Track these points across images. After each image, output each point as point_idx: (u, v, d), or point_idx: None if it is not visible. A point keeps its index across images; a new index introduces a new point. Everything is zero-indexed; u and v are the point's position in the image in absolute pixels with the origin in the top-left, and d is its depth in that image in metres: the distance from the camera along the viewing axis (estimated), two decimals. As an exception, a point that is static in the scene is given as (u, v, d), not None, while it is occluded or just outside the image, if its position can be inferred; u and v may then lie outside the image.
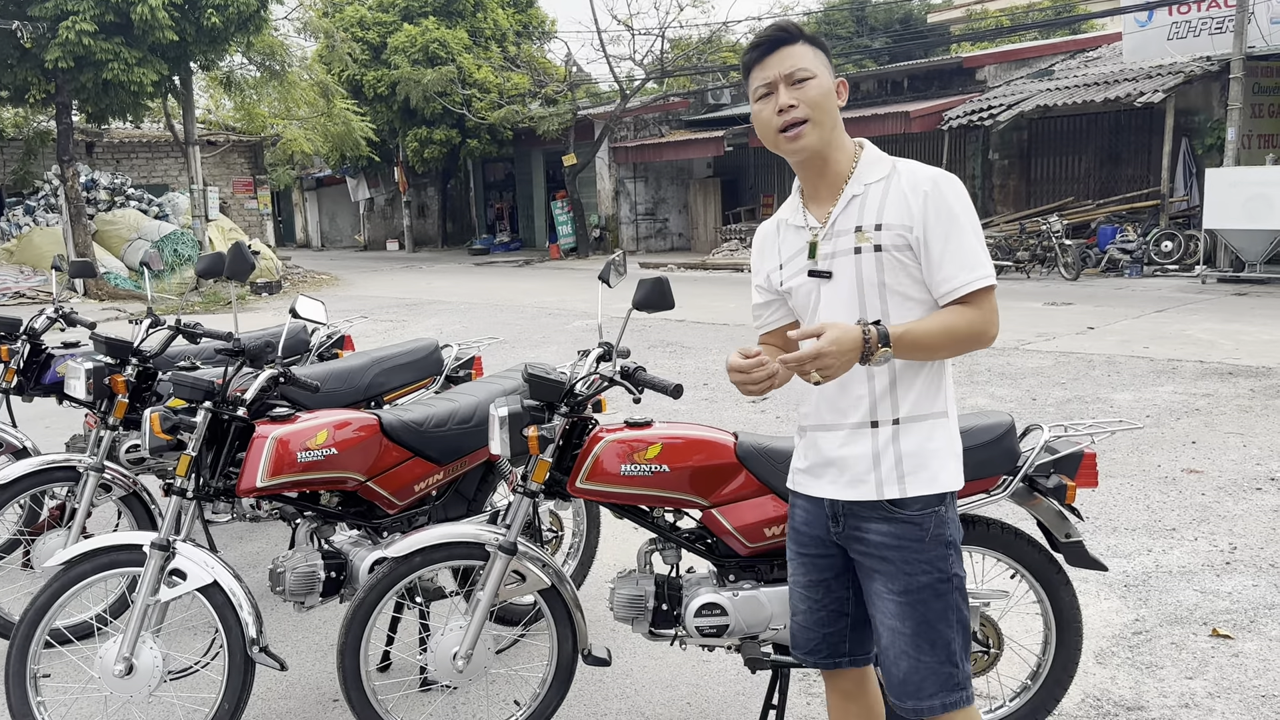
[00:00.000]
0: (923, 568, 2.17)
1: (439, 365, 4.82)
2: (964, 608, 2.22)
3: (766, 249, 2.38)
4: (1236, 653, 3.69)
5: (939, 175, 2.17)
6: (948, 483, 2.19)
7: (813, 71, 2.16)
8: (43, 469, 4.01)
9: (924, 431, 2.18)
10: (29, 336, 4.69)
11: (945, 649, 2.19)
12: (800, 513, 2.37)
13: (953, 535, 2.21)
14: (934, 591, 2.18)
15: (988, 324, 2.13)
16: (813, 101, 2.15)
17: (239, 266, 3.47)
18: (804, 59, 2.17)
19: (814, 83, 2.16)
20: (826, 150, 2.20)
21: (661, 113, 27.07)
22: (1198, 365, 8.74)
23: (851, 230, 2.17)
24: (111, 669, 2.99)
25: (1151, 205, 17.10)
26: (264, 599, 3.75)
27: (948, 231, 2.11)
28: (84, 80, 16.48)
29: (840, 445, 2.22)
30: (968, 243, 2.12)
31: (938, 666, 2.19)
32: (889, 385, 2.17)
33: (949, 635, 2.19)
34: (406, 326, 13.52)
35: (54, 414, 5.87)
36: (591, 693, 3.56)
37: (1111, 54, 20.03)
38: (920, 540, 2.17)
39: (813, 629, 2.39)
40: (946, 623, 2.19)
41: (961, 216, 2.13)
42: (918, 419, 2.18)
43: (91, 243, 18.84)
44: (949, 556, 2.19)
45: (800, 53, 2.17)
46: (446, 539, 3.02)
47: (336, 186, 37.38)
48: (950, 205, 2.13)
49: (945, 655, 2.19)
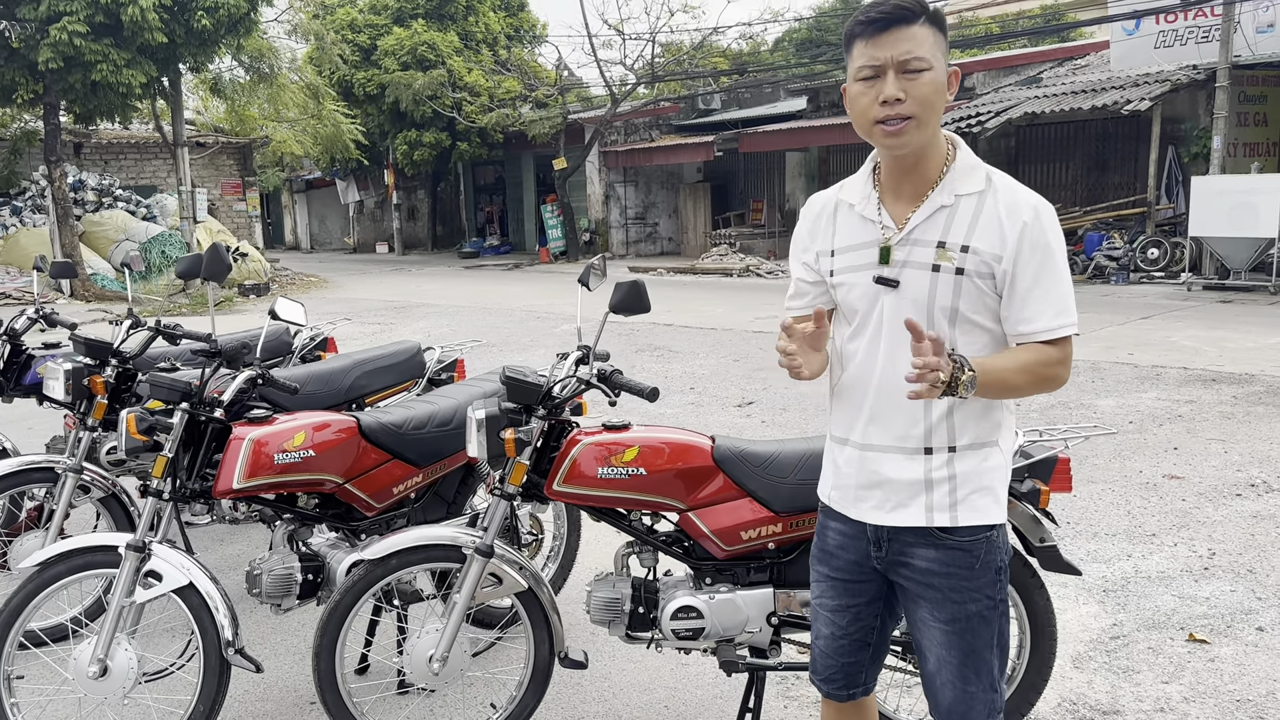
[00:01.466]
0: (972, 595, 2.08)
1: (421, 368, 4.82)
2: (1006, 631, 2.15)
3: (819, 228, 2.16)
4: (1213, 657, 3.71)
5: (1040, 205, 2.00)
6: (999, 514, 2.07)
7: (929, 62, 1.91)
8: (21, 470, 4.00)
9: (978, 459, 2.06)
10: (9, 337, 4.67)
11: (989, 676, 2.11)
12: (834, 535, 2.23)
13: (1003, 561, 2.10)
14: (982, 620, 2.09)
15: (1066, 370, 2.00)
16: (923, 98, 1.92)
17: (216, 268, 3.46)
18: (923, 45, 1.91)
19: (928, 76, 1.91)
20: (922, 151, 2.00)
21: (652, 117, 27.10)
22: (1181, 372, 8.78)
23: (933, 244, 1.99)
24: (86, 670, 2.98)
25: (1138, 213, 17.18)
26: (241, 602, 3.74)
27: (1040, 269, 1.96)
28: (73, 81, 16.44)
29: (890, 468, 2.08)
30: (1060, 284, 1.97)
31: (983, 694, 2.11)
32: (946, 412, 2.03)
33: (992, 663, 2.12)
34: (394, 329, 13.50)
35: (36, 415, 5.84)
36: (569, 696, 3.56)
37: (1099, 62, 20.13)
38: (970, 568, 2.07)
39: (833, 656, 2.28)
40: (991, 650, 2.11)
41: (1057, 255, 1.97)
42: (974, 447, 2.06)
43: (79, 244, 18.78)
44: (998, 583, 2.10)
45: (920, 37, 1.91)
46: (423, 541, 3.02)
47: (326, 189, 37.31)
48: (1049, 241, 1.96)
49: (989, 683, 2.12)
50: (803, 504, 2.87)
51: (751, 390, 8.68)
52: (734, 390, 8.72)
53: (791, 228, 2.26)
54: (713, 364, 10.12)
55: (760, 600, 2.91)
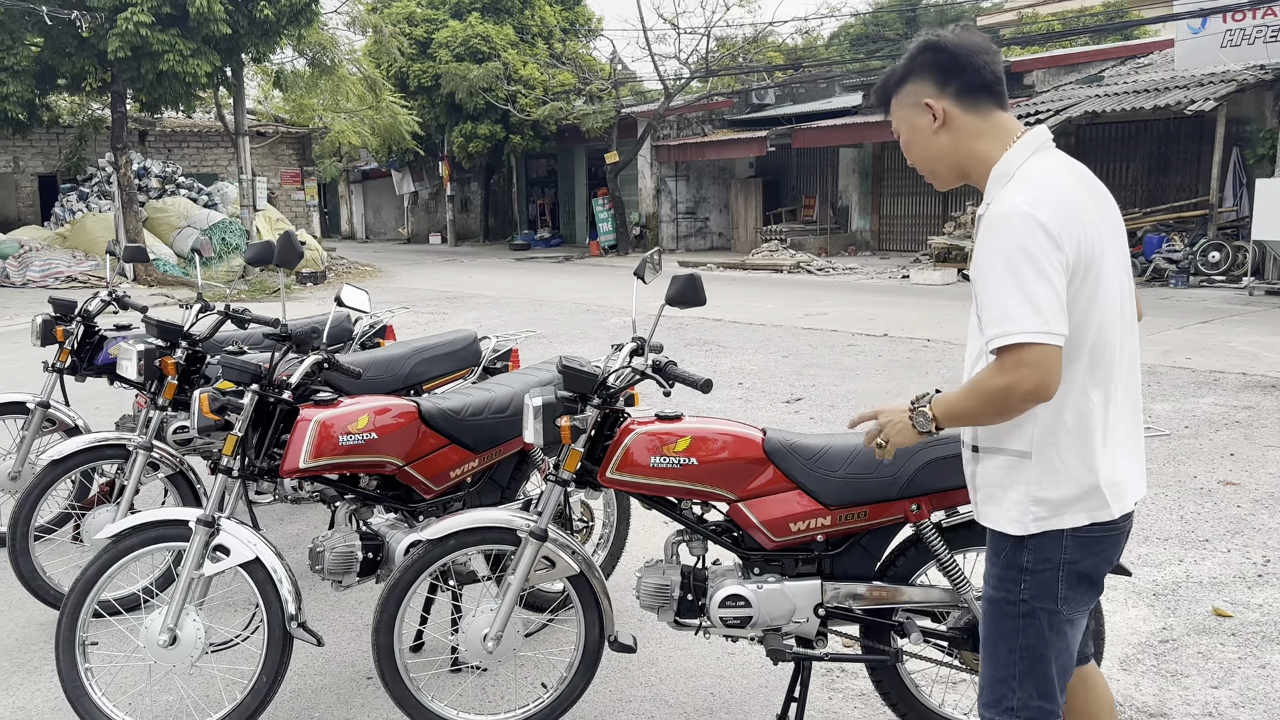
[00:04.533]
0: (991, 583, 2.19)
1: (477, 356, 4.92)
2: (1036, 640, 2.14)
3: None
4: (1264, 664, 3.68)
5: (994, 212, 2.03)
6: (1007, 525, 2.12)
7: (896, 128, 2.26)
8: (94, 446, 4.15)
9: (997, 465, 2.14)
10: (83, 319, 4.84)
11: (1002, 668, 2.18)
12: None
13: (1029, 562, 2.12)
14: (998, 610, 2.17)
15: (1004, 382, 1.96)
16: (909, 156, 2.27)
17: (288, 255, 3.58)
18: (894, 116, 2.26)
19: (901, 139, 2.26)
20: (961, 179, 2.23)
21: (705, 112, 27.07)
22: (1240, 377, 8.63)
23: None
24: (156, 639, 3.11)
25: (1199, 215, 16.85)
26: (303, 578, 3.87)
27: (980, 279, 2.01)
28: (141, 70, 16.84)
29: (964, 461, 2.30)
30: (994, 291, 1.97)
31: (992, 681, 2.21)
32: None
33: (1006, 658, 2.17)
34: (447, 318, 13.69)
35: (103, 395, 6.05)
36: (616, 679, 3.63)
37: (1163, 61, 19.74)
38: (996, 555, 2.18)
39: None
40: (1008, 645, 2.16)
41: (1001, 264, 1.96)
42: (992, 451, 2.15)
43: (142, 229, 19.24)
44: (1020, 581, 2.13)
45: (892, 110, 2.25)
46: (480, 524, 3.11)
47: (382, 179, 37.78)
48: (990, 253, 1.99)
49: (1000, 674, 2.18)
50: (851, 498, 2.91)
51: (800, 386, 8.70)
52: (783, 386, 8.74)
53: (844, 225, 2.39)
54: (761, 359, 10.14)
55: (808, 591, 2.96)
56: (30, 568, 4.10)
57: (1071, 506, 2.08)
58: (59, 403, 4.87)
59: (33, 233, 20.40)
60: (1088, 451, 2.08)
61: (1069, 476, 2.08)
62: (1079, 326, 2.03)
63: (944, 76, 2.13)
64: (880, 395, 8.10)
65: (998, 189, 2.09)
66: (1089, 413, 2.07)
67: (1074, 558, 2.11)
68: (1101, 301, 2.07)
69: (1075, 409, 2.07)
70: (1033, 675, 2.16)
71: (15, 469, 4.78)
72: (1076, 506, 2.08)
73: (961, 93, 2.13)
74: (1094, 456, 2.08)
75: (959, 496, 2.94)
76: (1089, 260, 2.03)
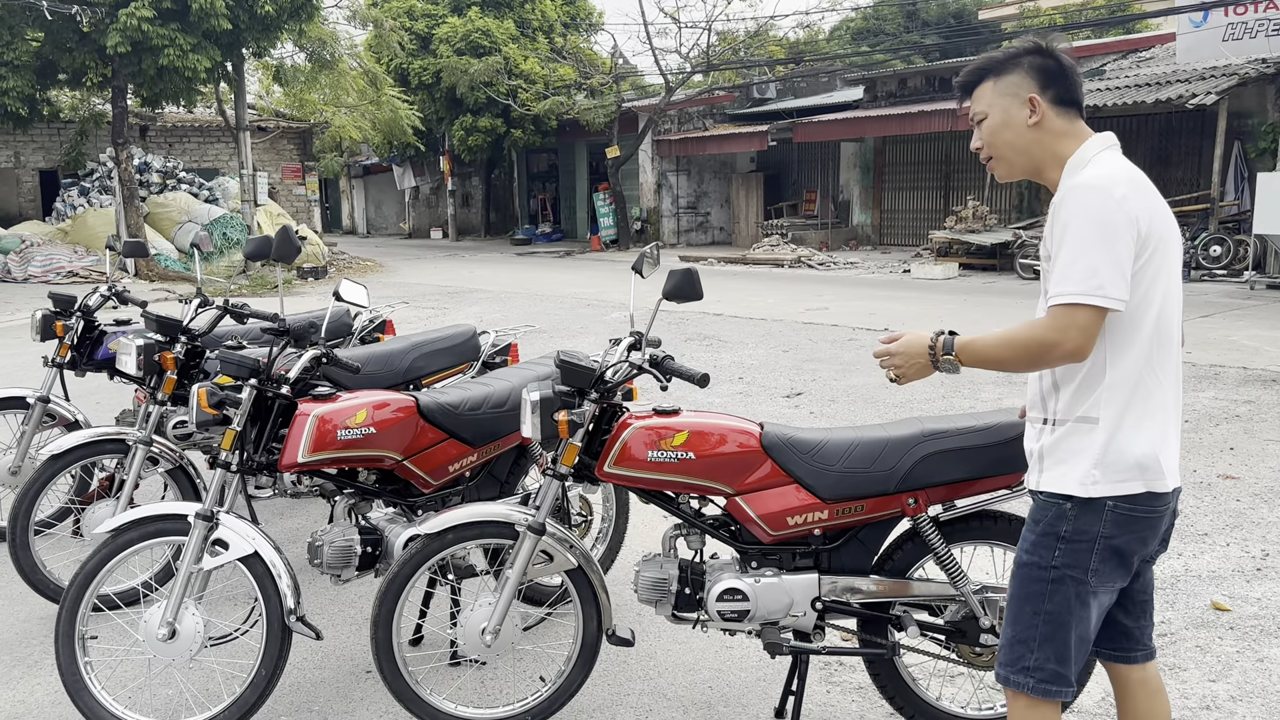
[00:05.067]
0: (1025, 547, 2.30)
1: (476, 351, 4.92)
2: (1061, 606, 2.25)
3: None
4: (1262, 658, 3.69)
5: (1069, 187, 2.20)
6: (1071, 486, 2.22)
7: (985, 111, 2.36)
8: (94, 441, 4.16)
9: (1066, 432, 2.25)
10: (83, 313, 4.85)
11: (1024, 629, 2.29)
12: None
13: (1067, 531, 2.23)
14: (1028, 574, 2.29)
15: (1051, 338, 2.12)
16: (988, 141, 2.37)
17: (286, 249, 3.58)
18: (981, 100, 2.37)
19: (987, 123, 2.36)
20: (1030, 174, 2.37)
21: (706, 106, 27.04)
22: (1241, 372, 8.63)
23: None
24: (155, 633, 3.12)
25: (1201, 209, 16.82)
26: (303, 572, 3.88)
27: (1058, 245, 2.16)
28: (142, 65, 16.83)
29: (1030, 439, 2.38)
30: (1069, 256, 2.12)
31: (1012, 641, 2.32)
32: (1052, 386, 2.29)
33: (1029, 620, 2.28)
34: (447, 313, 13.69)
35: (104, 390, 6.06)
36: (615, 673, 3.64)
37: (1165, 54, 19.72)
38: (1035, 523, 2.29)
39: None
40: (1033, 608, 2.28)
41: (1071, 229, 2.13)
42: (1064, 421, 2.25)
43: (143, 224, 19.24)
44: (1055, 549, 2.25)
45: (979, 94, 2.37)
46: (478, 518, 3.12)
47: (383, 174, 37.78)
48: (1065, 220, 2.15)
49: (1021, 635, 2.30)
50: (849, 491, 2.92)
51: (800, 381, 8.70)
52: (783, 380, 8.74)
53: (845, 219, 2.46)
54: (762, 354, 10.14)
55: (805, 585, 2.97)
56: (30, 562, 4.11)
57: (1130, 474, 2.19)
58: (59, 398, 4.88)
59: (34, 228, 20.41)
60: (1150, 424, 2.21)
61: (1132, 445, 2.19)
62: (1145, 297, 2.17)
63: (1047, 80, 2.29)
64: (880, 389, 8.11)
65: (1072, 175, 2.25)
66: (1154, 387, 2.21)
67: (1111, 533, 2.22)
68: (1165, 281, 2.21)
69: (1143, 380, 2.20)
70: (1052, 640, 2.27)
71: (15, 464, 4.80)
72: (1135, 475, 2.19)
73: (1058, 99, 2.29)
74: (1155, 429, 2.21)
75: (957, 491, 2.95)
76: (1160, 239, 2.18)
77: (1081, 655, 2.31)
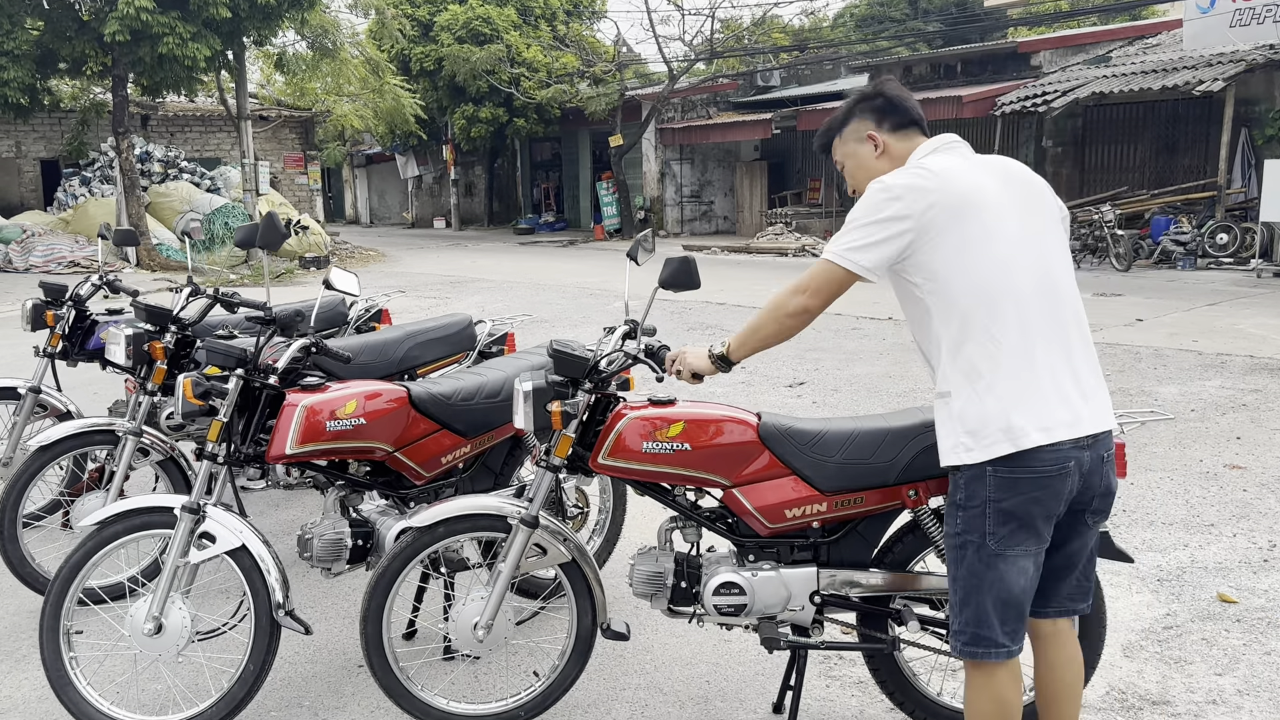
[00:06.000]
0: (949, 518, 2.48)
1: (472, 341, 4.86)
2: (967, 570, 2.41)
3: None
4: (1269, 650, 3.62)
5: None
6: (950, 457, 2.41)
7: (842, 160, 2.71)
8: (83, 432, 4.11)
9: (937, 408, 2.46)
10: (74, 303, 4.78)
11: (951, 595, 2.49)
12: None
13: (961, 499, 2.40)
14: (947, 544, 2.50)
15: (784, 292, 2.52)
16: (854, 182, 2.68)
17: (270, 236, 3.52)
18: (838, 152, 2.71)
19: (847, 169, 2.70)
20: None
21: (709, 94, 26.89)
22: (1248, 360, 8.54)
23: None
24: (141, 628, 3.06)
25: (1208, 196, 16.71)
26: (295, 566, 3.82)
27: None
28: (140, 54, 16.74)
29: None
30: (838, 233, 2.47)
31: (953, 611, 2.48)
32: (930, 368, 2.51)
33: (951, 587, 2.48)
34: (449, 303, 13.62)
35: (100, 381, 6.00)
36: (612, 667, 3.58)
37: (1172, 41, 19.55)
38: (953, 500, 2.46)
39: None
40: (951, 574, 2.48)
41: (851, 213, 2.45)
42: (937, 398, 2.45)
43: (145, 214, 19.18)
44: (956, 517, 2.43)
45: (835, 149, 2.72)
46: (470, 510, 3.05)
47: (386, 164, 37.67)
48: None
49: (950, 601, 2.49)
50: (848, 483, 2.85)
51: (803, 371, 8.62)
52: (785, 370, 8.67)
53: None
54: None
55: (803, 579, 2.90)
56: (19, 554, 4.06)
57: (995, 437, 2.32)
58: (50, 388, 4.81)
59: (35, 218, 20.36)
60: (1005, 387, 2.33)
61: (986, 410, 2.33)
62: (956, 272, 2.35)
63: (881, 115, 2.60)
64: (883, 379, 8.03)
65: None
66: (998, 354, 2.33)
67: (997, 496, 2.34)
68: (984, 249, 2.36)
69: (982, 350, 2.34)
70: (968, 604, 2.42)
71: (7, 455, 4.74)
72: (1000, 438, 2.31)
73: (896, 126, 2.59)
74: (1011, 391, 2.33)
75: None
76: (960, 214, 2.36)
77: (1009, 617, 2.39)
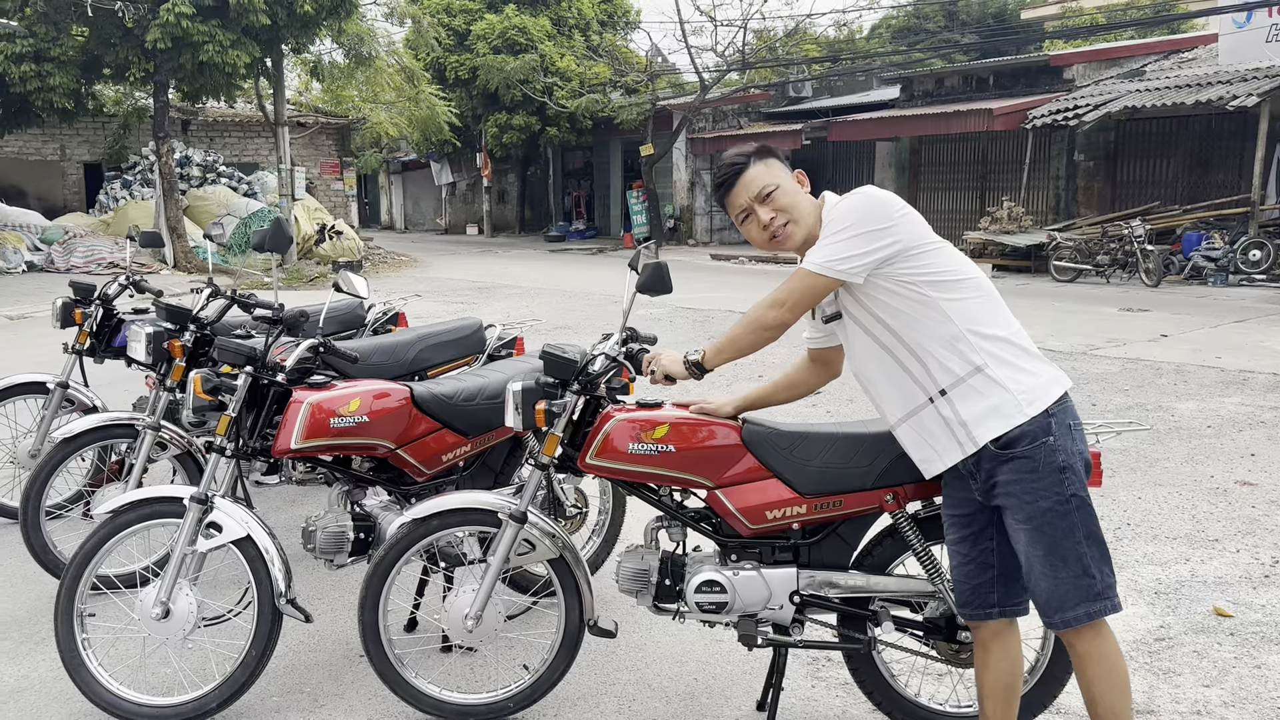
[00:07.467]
0: (1040, 494, 2.48)
1: (482, 344, 4.98)
2: (1094, 523, 2.50)
3: None
4: (1260, 664, 3.64)
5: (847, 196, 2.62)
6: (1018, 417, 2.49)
7: (774, 183, 2.65)
8: (105, 425, 4.27)
9: (967, 389, 2.53)
10: (102, 302, 4.97)
11: (1078, 563, 2.48)
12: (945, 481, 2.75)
13: (1066, 461, 2.48)
14: (1055, 513, 2.48)
15: (762, 305, 2.66)
16: (784, 206, 2.64)
17: (278, 240, 3.66)
18: (763, 177, 2.66)
19: (779, 191, 2.64)
20: (809, 234, 2.65)
21: (741, 104, 26.97)
22: (1270, 377, 8.48)
23: None
24: (150, 612, 3.20)
25: (1241, 213, 16.52)
26: (302, 559, 3.95)
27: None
28: (181, 60, 17.12)
29: (931, 426, 2.65)
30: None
31: (1072, 580, 2.49)
32: (919, 366, 2.59)
33: (1079, 550, 2.48)
34: (476, 308, 13.78)
35: (128, 378, 6.19)
36: (603, 663, 3.67)
37: (1207, 55, 19.38)
38: (1034, 472, 2.48)
39: (964, 581, 2.72)
40: (1073, 539, 2.48)
41: (827, 229, 2.57)
42: (958, 383, 2.54)
43: (183, 217, 19.57)
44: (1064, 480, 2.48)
45: (756, 173, 2.66)
46: (463, 505, 3.17)
47: (421, 170, 38.10)
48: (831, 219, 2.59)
49: (1080, 569, 2.49)
50: (828, 487, 2.92)
51: (819, 380, 8.65)
52: (802, 379, 8.70)
53: None
54: (784, 353, 10.08)
55: (783, 579, 2.98)
56: (42, 542, 4.23)
57: (1044, 385, 2.50)
58: (78, 383, 5.00)
59: (77, 219, 20.84)
60: (1024, 351, 2.56)
61: (1021, 368, 2.52)
62: (947, 259, 2.57)
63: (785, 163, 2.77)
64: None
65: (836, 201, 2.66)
66: (1009, 322, 2.59)
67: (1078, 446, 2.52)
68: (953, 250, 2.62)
69: (996, 319, 2.57)
70: (1105, 555, 2.52)
71: (35, 447, 4.94)
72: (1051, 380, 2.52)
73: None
74: (1031, 354, 2.57)
75: (936, 488, 2.93)
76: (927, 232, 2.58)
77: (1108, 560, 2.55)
